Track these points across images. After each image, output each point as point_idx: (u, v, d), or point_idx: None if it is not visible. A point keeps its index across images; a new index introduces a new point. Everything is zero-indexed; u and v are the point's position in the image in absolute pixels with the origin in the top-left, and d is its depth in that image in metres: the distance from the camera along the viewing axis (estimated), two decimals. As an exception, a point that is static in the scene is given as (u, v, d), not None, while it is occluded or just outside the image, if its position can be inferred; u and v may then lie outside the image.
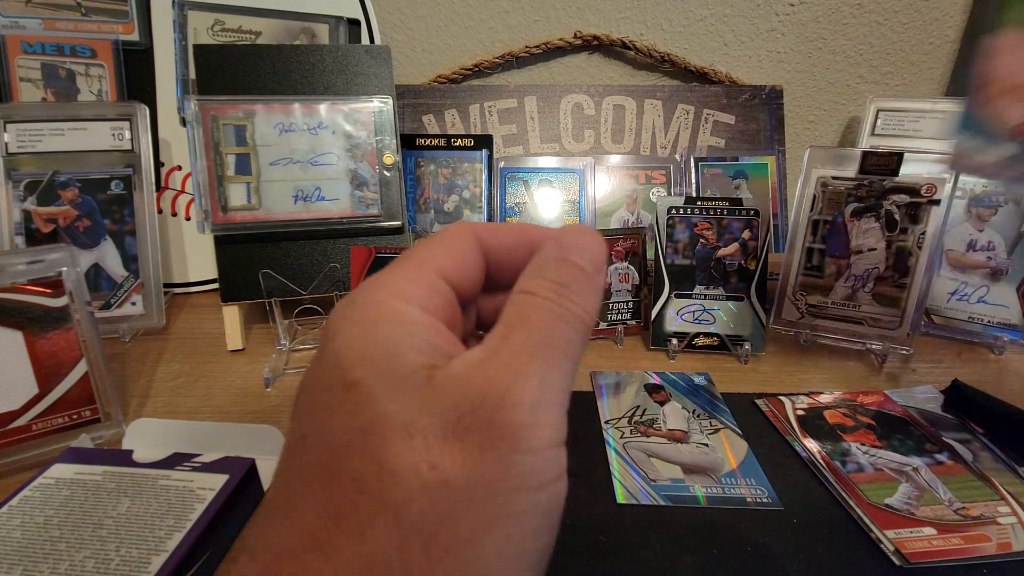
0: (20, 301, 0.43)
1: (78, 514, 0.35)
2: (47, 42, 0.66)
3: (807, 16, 0.81)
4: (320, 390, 0.17)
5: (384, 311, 0.18)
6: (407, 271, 0.19)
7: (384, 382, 0.16)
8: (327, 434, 0.16)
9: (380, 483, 0.15)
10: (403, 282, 0.19)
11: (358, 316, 0.18)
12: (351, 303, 0.19)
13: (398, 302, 0.18)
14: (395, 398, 0.16)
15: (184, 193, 0.71)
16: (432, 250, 0.20)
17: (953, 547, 0.35)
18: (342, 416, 0.16)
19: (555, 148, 0.80)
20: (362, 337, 0.17)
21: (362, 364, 0.17)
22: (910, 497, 0.39)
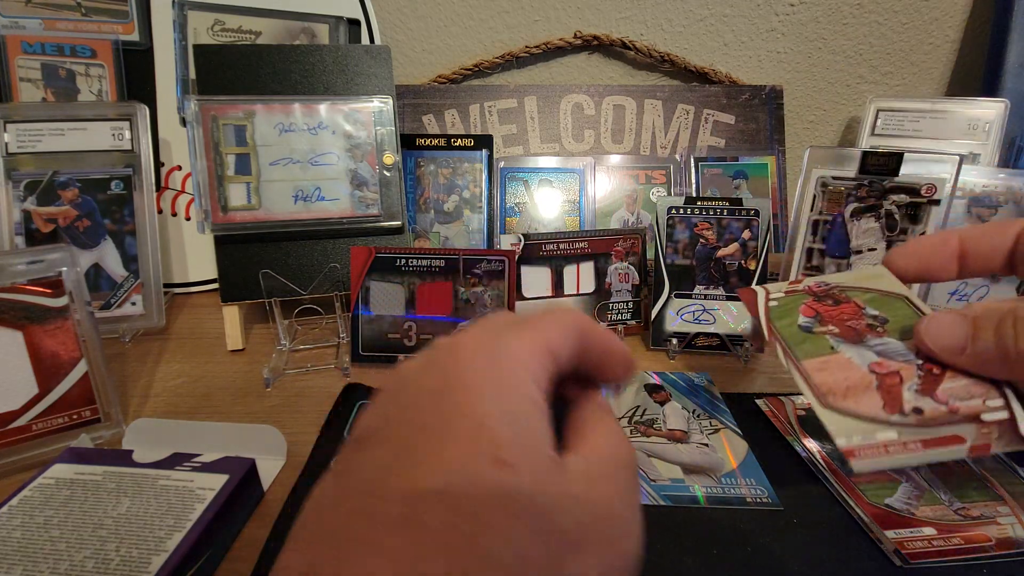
0: (20, 301, 0.43)
1: (78, 514, 0.35)
2: (47, 42, 0.66)
3: (807, 16, 0.81)
4: (460, 445, 0.17)
5: (519, 384, 0.19)
6: (531, 344, 0.20)
7: (531, 470, 0.17)
8: (473, 505, 0.16)
9: (516, 570, 0.15)
10: (529, 356, 0.19)
11: (497, 378, 0.18)
12: (484, 354, 0.19)
13: (527, 376, 0.19)
14: (539, 491, 0.17)
15: (184, 193, 0.71)
16: (551, 328, 0.21)
17: (953, 547, 0.35)
18: (490, 492, 0.16)
19: (555, 148, 0.80)
20: (505, 409, 0.18)
21: (513, 445, 0.17)
22: (910, 497, 0.39)
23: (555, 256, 0.60)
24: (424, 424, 0.18)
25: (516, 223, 0.73)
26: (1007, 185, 0.59)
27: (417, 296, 0.56)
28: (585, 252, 0.60)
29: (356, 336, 0.56)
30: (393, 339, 0.56)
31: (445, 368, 0.19)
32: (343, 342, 0.59)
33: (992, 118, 0.70)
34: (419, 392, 0.19)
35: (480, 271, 0.56)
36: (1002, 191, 0.59)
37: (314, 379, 0.54)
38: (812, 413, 0.47)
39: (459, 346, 0.20)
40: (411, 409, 0.18)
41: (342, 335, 0.59)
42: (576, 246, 0.60)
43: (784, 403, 0.49)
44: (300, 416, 0.49)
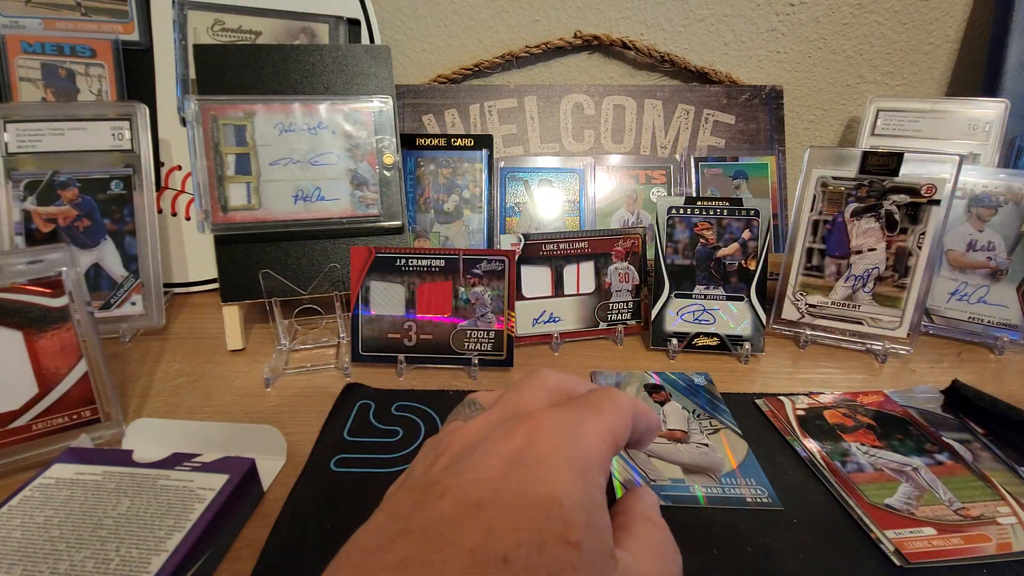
0: (20, 301, 0.43)
1: (78, 514, 0.35)
2: (47, 42, 0.66)
3: (807, 16, 0.81)
4: (533, 518, 0.17)
5: (592, 473, 0.19)
6: (602, 431, 0.20)
7: (595, 557, 0.17)
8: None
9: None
10: (600, 442, 0.20)
11: (573, 462, 0.18)
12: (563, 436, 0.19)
13: (598, 465, 0.19)
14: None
15: (184, 193, 0.71)
16: (617, 416, 0.21)
17: (953, 547, 0.35)
18: (554, 570, 0.16)
19: (555, 148, 0.80)
20: (578, 494, 0.18)
21: (583, 529, 0.17)
22: (910, 497, 0.39)
23: (555, 256, 0.60)
24: (498, 488, 0.18)
25: (516, 223, 0.73)
26: (1007, 185, 0.59)
27: (417, 296, 0.56)
28: (585, 252, 0.60)
29: (356, 336, 0.56)
30: (393, 339, 0.56)
31: (522, 436, 0.19)
32: (343, 342, 0.59)
33: (992, 118, 0.70)
34: (492, 453, 0.19)
35: (480, 271, 0.56)
36: (1002, 191, 0.59)
37: (314, 379, 0.54)
38: (812, 413, 0.48)
39: (532, 416, 0.20)
40: (484, 469, 0.18)
41: (342, 335, 0.59)
42: (576, 246, 0.60)
43: (784, 403, 0.49)
44: (300, 416, 0.49)
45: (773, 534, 0.36)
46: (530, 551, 0.16)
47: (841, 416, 0.48)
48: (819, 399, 0.50)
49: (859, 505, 0.38)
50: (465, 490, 0.18)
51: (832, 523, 0.37)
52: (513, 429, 0.19)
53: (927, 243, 0.55)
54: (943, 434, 0.45)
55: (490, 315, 0.56)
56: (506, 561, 0.16)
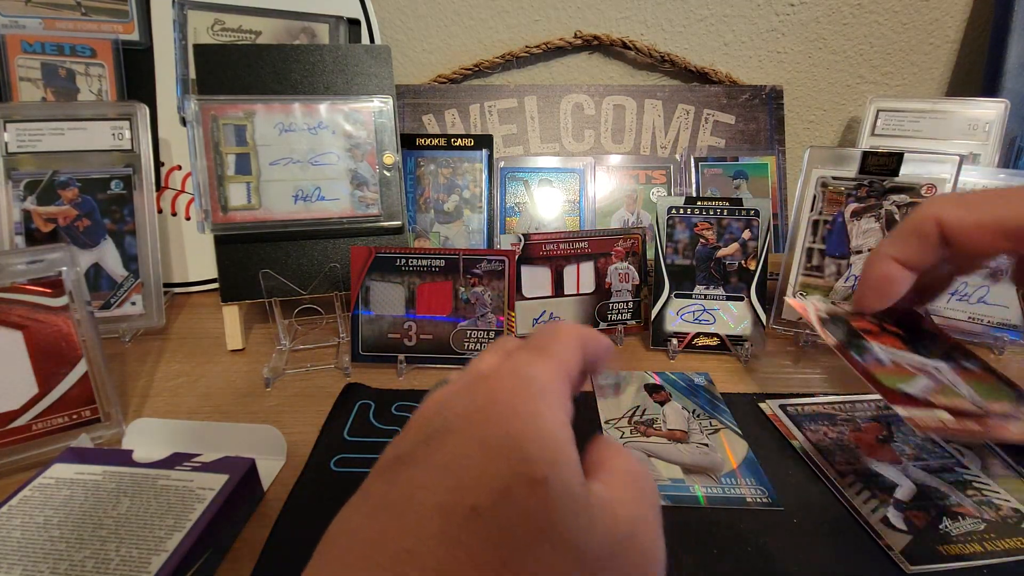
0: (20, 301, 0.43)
1: (78, 514, 0.35)
2: (47, 41, 0.66)
3: (807, 16, 0.81)
4: (496, 464, 0.17)
5: (551, 410, 0.19)
6: (555, 370, 0.21)
7: (564, 490, 0.17)
8: (506, 522, 0.16)
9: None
10: (555, 381, 0.20)
11: (530, 403, 0.19)
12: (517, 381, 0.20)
13: (556, 402, 0.20)
14: (570, 512, 0.17)
15: (184, 193, 0.71)
16: (565, 351, 0.22)
17: (968, 428, 0.31)
18: (524, 510, 0.16)
19: (555, 148, 0.80)
20: (540, 432, 0.18)
21: (548, 465, 0.17)
22: (927, 389, 0.34)
23: (555, 256, 0.60)
24: (459, 446, 0.18)
25: (516, 223, 0.73)
26: (1007, 185, 0.59)
27: (417, 296, 0.56)
28: (585, 252, 0.60)
29: (356, 336, 0.56)
30: (393, 339, 0.56)
31: (478, 393, 0.20)
32: (343, 342, 0.59)
33: (992, 118, 0.70)
34: (454, 417, 0.19)
35: (480, 271, 0.56)
36: (1002, 191, 0.59)
37: (314, 379, 0.54)
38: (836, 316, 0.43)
39: (490, 373, 0.20)
40: (446, 433, 0.18)
41: (342, 335, 0.59)
42: (576, 246, 0.60)
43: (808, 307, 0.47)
44: (300, 416, 0.49)
45: (773, 534, 0.36)
46: (497, 496, 0.16)
47: (867, 323, 0.40)
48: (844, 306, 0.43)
49: (874, 387, 0.33)
50: (431, 455, 0.18)
51: (833, 523, 0.37)
52: (472, 391, 0.20)
53: (927, 243, 0.55)
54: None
55: (490, 315, 0.56)
56: (475, 510, 0.16)
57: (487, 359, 0.22)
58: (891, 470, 0.41)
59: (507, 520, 0.16)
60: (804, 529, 0.37)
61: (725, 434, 0.46)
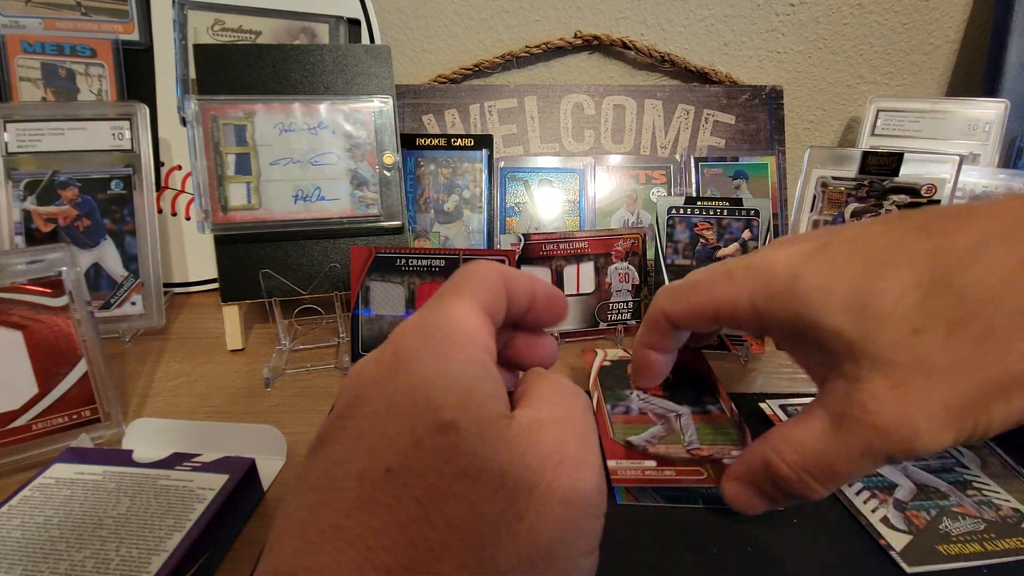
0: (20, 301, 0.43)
1: (78, 514, 0.35)
2: (47, 41, 0.66)
3: (807, 16, 0.81)
4: (403, 419, 0.17)
5: (459, 349, 0.19)
6: (465, 308, 0.20)
7: (478, 428, 0.17)
8: (422, 473, 0.16)
9: (477, 531, 0.16)
10: (466, 320, 0.20)
11: (435, 347, 0.19)
12: (422, 329, 0.19)
13: (467, 340, 0.19)
14: (488, 446, 0.17)
15: (184, 193, 0.71)
16: (479, 287, 0.21)
17: (662, 477, 0.38)
18: (437, 457, 0.16)
19: (555, 148, 0.80)
20: (446, 375, 0.18)
21: (456, 407, 0.17)
22: (654, 436, 0.41)
23: (555, 256, 0.60)
24: (371, 412, 0.18)
25: (516, 223, 0.73)
26: (1007, 185, 0.59)
27: (417, 296, 0.56)
28: (585, 252, 0.60)
29: (356, 336, 0.56)
30: (393, 339, 0.56)
31: (385, 353, 0.19)
32: (343, 342, 0.59)
33: (992, 118, 0.70)
34: (365, 384, 0.19)
35: (480, 271, 0.56)
36: (1002, 191, 0.59)
37: (314, 379, 0.54)
38: (615, 365, 0.50)
39: (397, 331, 0.20)
40: (360, 401, 0.18)
41: (342, 335, 0.59)
42: (576, 246, 0.60)
43: (596, 354, 0.51)
44: (300, 416, 0.49)
45: (773, 534, 0.36)
46: (409, 450, 0.16)
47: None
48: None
49: (602, 439, 0.39)
50: (346, 427, 0.18)
51: (833, 523, 0.37)
52: (380, 352, 0.20)
53: (927, 243, 0.55)
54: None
55: (490, 315, 0.56)
56: (389, 471, 0.16)
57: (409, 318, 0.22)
58: (891, 470, 0.41)
59: (422, 471, 0.16)
60: (804, 529, 0.37)
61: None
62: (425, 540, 0.15)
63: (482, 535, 0.16)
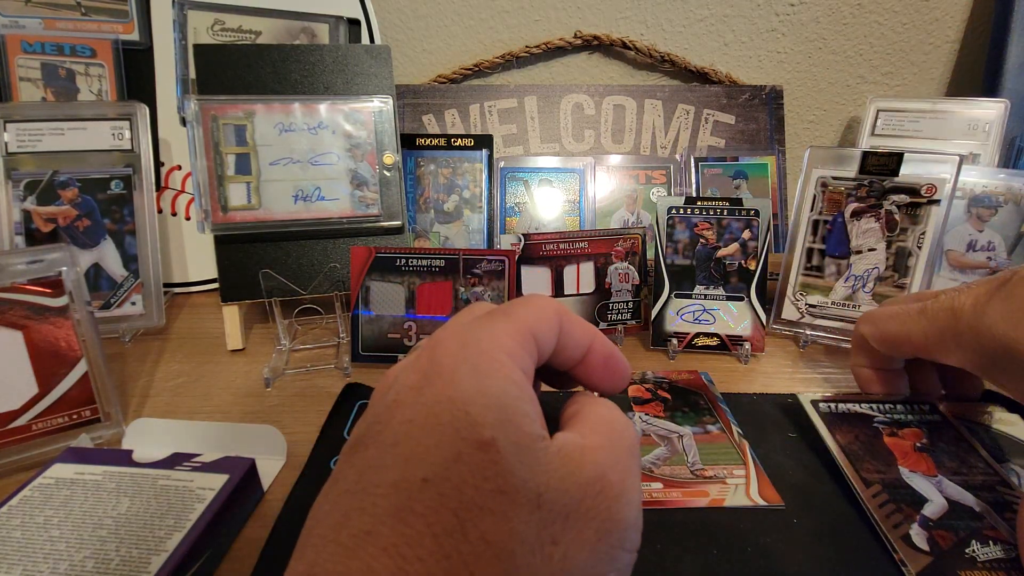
0: (20, 301, 0.43)
1: (78, 514, 0.35)
2: (47, 41, 0.66)
3: (807, 16, 0.81)
4: (442, 432, 0.17)
5: (497, 366, 0.19)
6: (510, 329, 0.20)
7: (515, 447, 0.17)
8: (460, 487, 0.16)
9: (511, 549, 0.16)
10: (508, 339, 0.20)
11: (473, 361, 0.19)
12: (460, 340, 0.19)
13: (507, 359, 0.19)
14: (525, 466, 0.17)
15: (184, 193, 0.71)
16: (530, 313, 0.21)
17: (669, 499, 0.38)
18: (476, 473, 0.16)
19: (555, 148, 0.80)
20: (484, 391, 0.18)
21: (495, 426, 0.17)
22: (659, 458, 0.41)
23: (555, 256, 0.60)
24: (408, 418, 0.18)
25: (516, 223, 0.73)
26: (1007, 185, 0.59)
27: (417, 296, 0.56)
28: (585, 252, 0.60)
29: (356, 336, 0.56)
30: (393, 339, 0.56)
31: (423, 360, 0.19)
32: (343, 342, 0.59)
33: (992, 118, 0.70)
34: (402, 389, 0.19)
35: (480, 271, 0.56)
36: (1002, 191, 0.59)
37: (314, 379, 0.54)
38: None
39: (435, 340, 0.20)
40: (396, 406, 0.19)
41: (342, 335, 0.59)
42: (576, 246, 0.60)
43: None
44: (300, 416, 0.49)
45: (773, 534, 0.36)
46: (447, 464, 0.16)
47: (642, 390, 0.50)
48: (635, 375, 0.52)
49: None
50: (382, 432, 0.18)
51: (833, 523, 0.37)
52: (418, 359, 0.20)
53: (927, 243, 0.55)
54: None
55: (490, 315, 0.56)
56: (426, 481, 0.16)
57: (445, 326, 0.22)
58: (924, 483, 0.37)
59: (460, 484, 0.16)
60: (805, 529, 0.37)
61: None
62: (459, 553, 0.15)
63: (515, 554, 0.16)
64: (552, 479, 0.17)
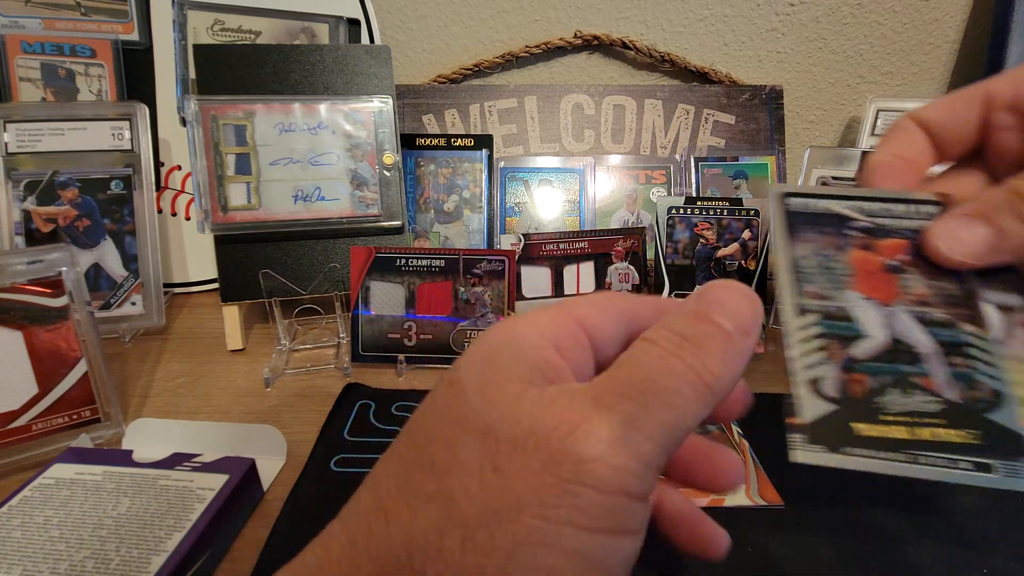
0: (20, 301, 0.43)
1: (78, 514, 0.35)
2: (47, 42, 0.66)
3: (807, 16, 0.81)
4: (435, 388, 0.20)
5: (511, 335, 0.20)
6: (551, 313, 0.21)
7: (480, 387, 0.18)
8: (424, 421, 0.19)
9: (448, 470, 0.17)
10: (545, 320, 0.21)
11: (491, 336, 0.20)
12: (499, 327, 0.21)
13: (530, 331, 0.20)
14: (485, 402, 0.18)
15: (184, 193, 0.71)
16: (578, 303, 0.22)
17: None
18: (439, 409, 0.19)
19: (555, 148, 0.80)
20: (480, 349, 0.20)
21: (467, 367, 0.19)
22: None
23: (555, 256, 0.60)
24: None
25: (516, 223, 0.73)
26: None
27: (417, 296, 0.56)
28: (585, 252, 0.60)
29: (356, 336, 0.56)
30: (393, 339, 0.56)
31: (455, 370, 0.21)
32: (343, 342, 0.59)
33: (992, 118, 0.70)
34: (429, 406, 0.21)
35: (480, 271, 0.56)
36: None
37: (314, 379, 0.54)
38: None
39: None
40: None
41: (342, 335, 0.59)
42: (576, 246, 0.60)
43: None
44: (300, 416, 0.49)
45: (773, 534, 0.36)
46: (424, 407, 0.20)
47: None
48: None
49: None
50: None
51: (833, 523, 0.37)
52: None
53: (927, 243, 0.55)
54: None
55: (490, 315, 0.56)
56: (408, 425, 0.20)
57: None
58: (872, 313, 0.27)
59: (425, 421, 0.19)
60: (805, 529, 0.37)
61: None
62: (411, 478, 0.18)
63: (453, 478, 0.17)
64: (514, 413, 0.17)
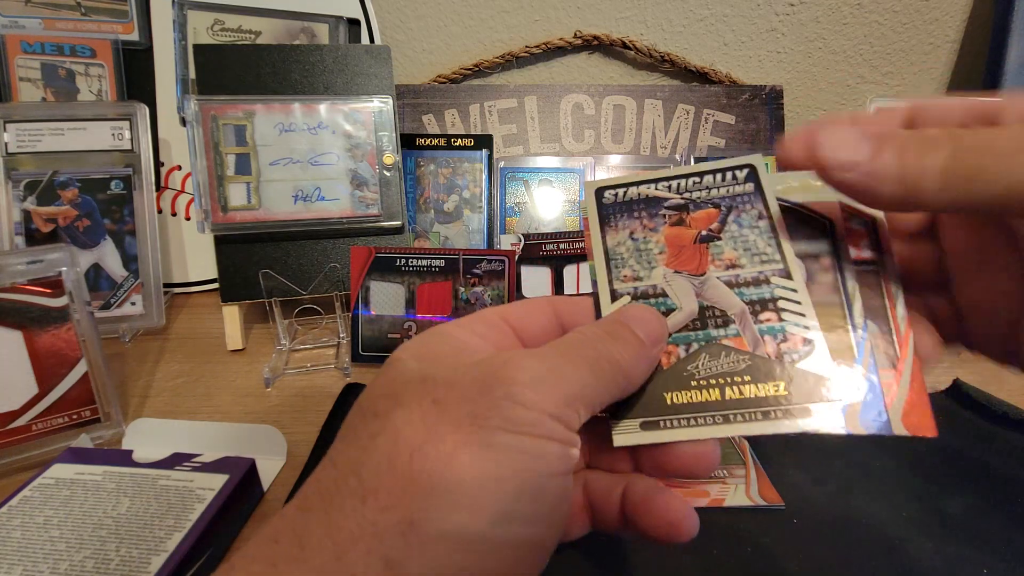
0: (20, 301, 0.43)
1: (78, 514, 0.35)
2: (47, 42, 0.66)
3: (807, 16, 0.81)
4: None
5: (440, 329, 0.24)
6: (475, 315, 0.25)
7: (417, 356, 0.22)
8: (367, 392, 0.22)
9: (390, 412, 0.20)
10: (469, 319, 0.24)
11: (424, 332, 0.24)
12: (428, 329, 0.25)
13: (456, 327, 0.24)
14: (422, 363, 0.21)
15: (184, 193, 0.71)
16: (507, 305, 0.26)
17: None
18: (378, 380, 0.22)
19: (555, 148, 0.80)
20: (415, 338, 0.24)
21: (402, 349, 0.22)
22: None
23: (555, 256, 0.60)
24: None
25: (516, 223, 0.73)
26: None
27: (417, 296, 0.56)
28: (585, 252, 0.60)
29: (356, 336, 0.56)
30: (393, 339, 0.56)
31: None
32: (343, 342, 0.59)
33: (992, 118, 0.70)
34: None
35: (480, 271, 0.56)
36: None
37: (314, 379, 0.54)
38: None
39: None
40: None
41: (342, 335, 0.59)
42: (576, 246, 0.60)
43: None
44: (300, 416, 0.49)
45: (773, 534, 0.36)
46: (364, 394, 0.22)
47: None
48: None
49: None
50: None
51: (833, 523, 0.37)
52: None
53: (927, 243, 0.55)
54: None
55: (490, 315, 0.56)
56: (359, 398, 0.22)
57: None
58: (682, 285, 0.26)
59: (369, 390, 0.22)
60: (804, 529, 0.37)
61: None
62: (355, 429, 0.20)
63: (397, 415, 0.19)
64: (443, 367, 0.20)
